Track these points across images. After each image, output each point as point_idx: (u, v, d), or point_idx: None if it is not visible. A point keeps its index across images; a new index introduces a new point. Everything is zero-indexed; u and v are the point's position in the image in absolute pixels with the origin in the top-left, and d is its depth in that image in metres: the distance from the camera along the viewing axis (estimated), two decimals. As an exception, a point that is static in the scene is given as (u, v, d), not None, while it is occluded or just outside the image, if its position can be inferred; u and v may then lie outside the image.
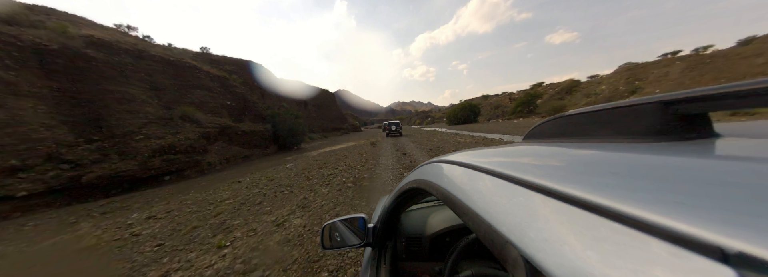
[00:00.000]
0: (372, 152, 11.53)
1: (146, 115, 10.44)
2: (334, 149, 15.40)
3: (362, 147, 14.54)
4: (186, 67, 14.75)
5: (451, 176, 0.53)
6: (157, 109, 11.15)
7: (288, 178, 7.24)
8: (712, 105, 0.29)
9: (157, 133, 10.15)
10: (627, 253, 0.18)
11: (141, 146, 9.23)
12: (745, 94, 0.25)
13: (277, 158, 14.49)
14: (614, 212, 0.21)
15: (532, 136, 0.65)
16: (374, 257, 1.01)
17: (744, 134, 0.36)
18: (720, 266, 0.14)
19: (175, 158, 9.82)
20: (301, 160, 11.83)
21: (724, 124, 0.42)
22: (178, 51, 17.99)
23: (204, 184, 8.51)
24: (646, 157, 0.30)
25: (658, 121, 0.34)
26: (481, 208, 0.35)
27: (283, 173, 8.30)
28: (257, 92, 22.91)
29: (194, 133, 11.22)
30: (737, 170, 0.23)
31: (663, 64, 31.01)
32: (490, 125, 27.91)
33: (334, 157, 11.38)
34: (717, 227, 0.15)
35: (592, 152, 0.39)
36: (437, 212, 1.19)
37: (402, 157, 9.01)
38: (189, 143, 10.56)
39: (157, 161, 9.30)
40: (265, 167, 11.41)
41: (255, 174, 8.83)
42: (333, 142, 23.69)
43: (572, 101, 36.81)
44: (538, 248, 0.23)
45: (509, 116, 37.62)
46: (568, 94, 39.82)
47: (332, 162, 9.54)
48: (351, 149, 13.73)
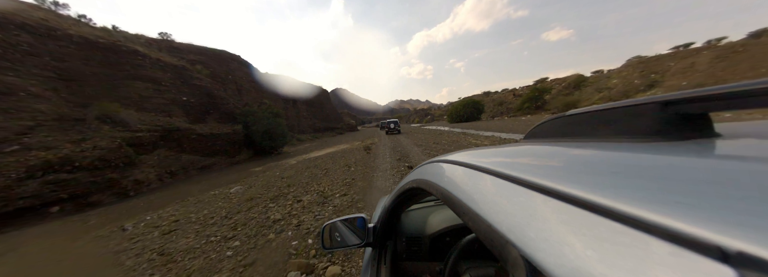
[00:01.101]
0: (364, 162, 8.45)
1: (35, 116, 7.19)
2: (319, 156, 12.35)
3: (354, 153, 11.53)
4: (122, 53, 11.41)
5: (451, 175, 0.53)
6: (59, 107, 7.89)
7: (191, 230, 4.14)
8: (712, 105, 0.29)
9: (48, 141, 6.91)
10: (627, 253, 0.18)
11: (10, 163, 6.02)
12: (745, 94, 0.25)
13: (246, 168, 11.35)
14: (614, 212, 0.21)
15: (532, 136, 0.64)
16: (374, 257, 1.02)
17: (744, 134, 0.35)
18: (720, 265, 0.14)
19: (69, 179, 6.60)
20: (265, 176, 8.69)
21: (724, 125, 0.42)
22: (125, 35, 14.55)
23: (93, 223, 5.35)
24: (646, 157, 0.30)
25: (658, 121, 0.34)
26: (481, 208, 0.35)
27: (207, 209, 5.18)
28: (232, 87, 19.65)
29: (112, 139, 7.97)
30: (737, 170, 0.23)
31: (681, 55, 28.65)
32: (497, 123, 25.18)
33: (312, 170, 8.28)
34: (717, 226, 0.15)
35: (592, 152, 0.39)
36: (437, 212, 1.18)
37: (406, 172, 5.95)
38: (100, 155, 7.34)
39: (33, 184, 6.08)
40: (217, 184, 8.26)
41: (168, 208, 5.67)
42: (323, 144, 20.54)
43: (583, 96, 34.31)
44: (538, 248, 0.23)
45: (515, 113, 34.99)
46: (575, 89, 37.50)
47: (302, 182, 6.43)
48: (338, 157, 10.70)
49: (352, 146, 14.79)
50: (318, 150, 15.74)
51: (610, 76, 36.65)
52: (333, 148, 15.78)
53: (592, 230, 0.21)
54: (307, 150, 16.61)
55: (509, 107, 38.13)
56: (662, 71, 30.20)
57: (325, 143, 22.84)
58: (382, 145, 14.45)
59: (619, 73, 35.16)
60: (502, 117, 34.92)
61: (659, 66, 31.28)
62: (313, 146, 20.57)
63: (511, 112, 36.40)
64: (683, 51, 28.80)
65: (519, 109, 34.47)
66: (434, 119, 65.68)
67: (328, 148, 16.29)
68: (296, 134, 28.03)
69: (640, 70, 32.70)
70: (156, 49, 15.73)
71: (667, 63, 30.73)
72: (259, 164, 12.16)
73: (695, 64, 24.88)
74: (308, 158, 12.07)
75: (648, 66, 32.47)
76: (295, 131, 29.80)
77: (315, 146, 19.38)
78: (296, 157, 13.21)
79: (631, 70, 33.84)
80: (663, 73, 29.86)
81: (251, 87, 22.81)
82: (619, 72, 35.84)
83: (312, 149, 17.46)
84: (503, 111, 38.16)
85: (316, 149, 16.36)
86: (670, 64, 30.50)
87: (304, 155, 13.90)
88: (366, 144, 15.04)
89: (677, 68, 26.36)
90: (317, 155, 12.56)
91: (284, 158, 13.19)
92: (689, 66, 25.06)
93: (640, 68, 32.89)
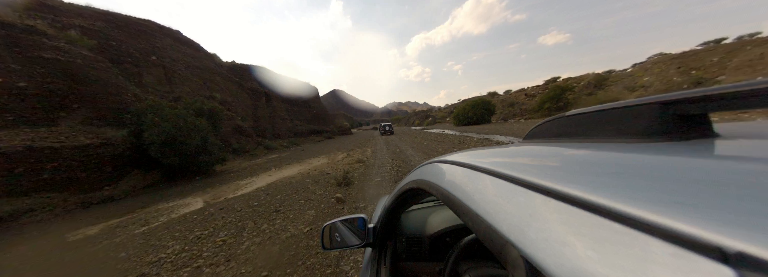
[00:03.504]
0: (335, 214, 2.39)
1: None
2: (262, 188, 6.35)
3: (326, 183, 5.60)
4: None
5: (451, 176, 0.52)
6: None
7: None
8: (712, 105, 0.29)
9: None
10: (627, 253, 0.18)
11: None
12: (745, 94, 0.25)
13: (102, 216, 5.20)
14: (614, 212, 0.21)
15: (532, 137, 0.63)
16: (374, 257, 1.02)
17: (744, 134, 0.35)
18: (720, 266, 0.14)
19: None
20: None
21: (724, 125, 0.42)
22: None
23: None
24: (646, 157, 0.30)
25: (658, 121, 0.34)
26: (481, 208, 0.35)
27: None
28: (155, 73, 13.31)
29: None
30: (737, 170, 0.23)
31: (723, 50, 24.75)
32: (513, 126, 19.93)
33: None
34: (717, 227, 0.15)
35: (592, 152, 0.39)
36: (437, 212, 1.17)
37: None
38: None
39: None
40: None
41: None
42: (294, 157, 14.38)
43: (610, 96, 29.70)
44: (538, 248, 0.23)
45: (532, 114, 29.94)
46: (596, 88, 33.20)
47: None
48: (293, 198, 4.80)
49: (335, 161, 8.90)
50: (275, 169, 9.66)
51: (633, 74, 32.92)
52: (304, 165, 9.75)
53: (593, 230, 0.21)
54: (260, 169, 10.44)
55: (523, 108, 33.15)
56: (704, 67, 26.46)
57: (300, 153, 16.62)
58: (378, 163, 8.44)
59: (646, 71, 31.32)
60: (517, 119, 29.94)
61: (697, 62, 27.55)
62: (279, 159, 14.34)
63: (527, 113, 31.40)
64: (737, 42, 24.54)
65: (537, 109, 29.41)
66: (436, 121, 60.10)
67: (297, 164, 10.22)
68: (265, 140, 21.64)
69: (677, 66, 28.70)
70: None
71: (709, 58, 27.04)
72: (136, 205, 6.00)
73: (765, 55, 20.21)
74: (237, 197, 5.98)
75: (684, 62, 28.57)
76: (266, 136, 23.37)
77: (282, 160, 13.20)
78: (224, 187, 7.11)
79: (664, 66, 29.90)
80: (706, 69, 26.07)
81: (194, 75, 16.30)
82: (645, 69, 32.18)
83: (270, 166, 11.35)
84: (516, 112, 33.06)
85: (276, 168, 10.26)
86: (712, 59, 26.74)
87: (248, 180, 7.86)
88: (356, 158, 9.05)
89: (739, 62, 21.72)
90: (263, 186, 6.54)
91: (200, 191, 7.03)
92: (758, 57, 20.35)
93: (676, 64, 28.88)
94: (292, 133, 29.09)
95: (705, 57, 26.65)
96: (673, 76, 26.86)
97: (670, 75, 27.28)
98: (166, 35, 15.43)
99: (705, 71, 25.02)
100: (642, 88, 27.46)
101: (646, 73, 30.92)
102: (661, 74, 28.32)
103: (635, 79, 30.99)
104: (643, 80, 29.14)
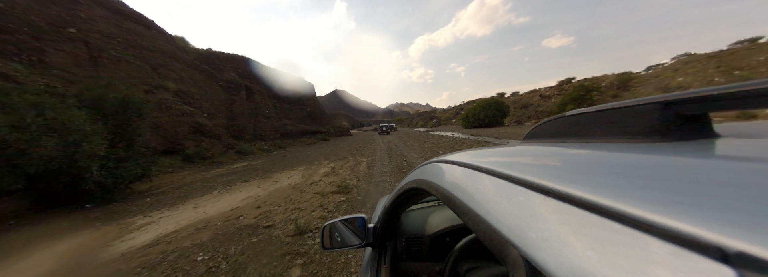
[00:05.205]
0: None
1: None
2: (136, 248, 2.91)
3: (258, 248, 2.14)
4: None
5: (451, 176, 0.52)
6: None
7: None
8: (712, 105, 0.29)
9: None
10: (627, 253, 0.18)
11: None
12: (745, 94, 0.25)
13: None
14: (614, 212, 0.21)
15: (532, 137, 0.63)
16: (374, 257, 1.01)
17: (744, 134, 0.36)
18: (720, 266, 0.14)
19: None
20: None
21: (724, 125, 0.42)
22: None
23: None
24: (646, 157, 0.30)
25: (658, 122, 0.34)
26: (481, 208, 0.35)
27: None
28: (45, 45, 9.77)
29: None
30: (737, 170, 0.23)
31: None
32: None
33: None
34: (717, 227, 0.15)
35: (592, 152, 0.39)
36: (437, 212, 1.17)
37: None
38: None
39: None
40: None
41: None
42: (267, 166, 10.81)
43: (642, 97, 26.63)
44: (538, 248, 0.23)
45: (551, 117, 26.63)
46: (620, 89, 30.41)
47: None
48: None
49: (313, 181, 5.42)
50: (218, 191, 6.18)
51: (660, 75, 30.16)
52: (248, 189, 6.28)
53: (593, 230, 0.21)
54: (199, 188, 6.87)
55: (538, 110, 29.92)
56: (749, 67, 23.84)
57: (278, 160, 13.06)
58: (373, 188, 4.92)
59: (675, 71, 28.57)
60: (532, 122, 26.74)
61: (738, 61, 24.84)
62: (246, 168, 10.77)
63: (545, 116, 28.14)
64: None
65: (559, 111, 26.11)
66: (440, 123, 56.52)
67: (246, 186, 6.73)
68: (240, 142, 18.06)
69: (715, 65, 25.92)
70: None
71: (753, 57, 24.37)
72: None
73: None
74: None
75: (722, 61, 25.80)
76: (244, 137, 19.78)
77: (245, 171, 9.63)
78: (80, 236, 3.65)
79: (699, 66, 27.18)
80: (753, 69, 23.47)
81: (137, 58, 12.51)
82: (674, 70, 29.45)
83: (223, 179, 7.83)
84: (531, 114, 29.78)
85: (222, 186, 6.76)
86: (758, 58, 24.06)
87: (154, 213, 4.41)
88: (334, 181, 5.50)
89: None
90: (172, 232, 3.11)
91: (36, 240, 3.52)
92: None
93: (714, 64, 26.14)
94: (279, 134, 25.42)
95: (746, 56, 24.03)
96: (713, 76, 24.08)
97: (709, 75, 24.52)
98: (99, 5, 11.80)
99: (752, 71, 22.31)
100: (679, 89, 24.53)
101: (676, 74, 28.16)
102: (698, 74, 25.49)
103: (663, 79, 28.14)
104: (678, 81, 26.23)
